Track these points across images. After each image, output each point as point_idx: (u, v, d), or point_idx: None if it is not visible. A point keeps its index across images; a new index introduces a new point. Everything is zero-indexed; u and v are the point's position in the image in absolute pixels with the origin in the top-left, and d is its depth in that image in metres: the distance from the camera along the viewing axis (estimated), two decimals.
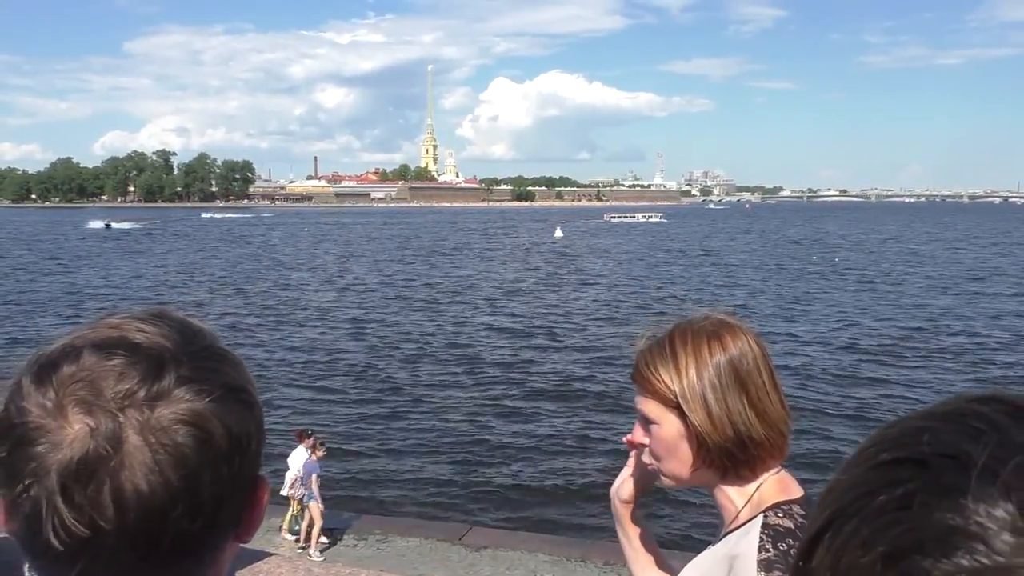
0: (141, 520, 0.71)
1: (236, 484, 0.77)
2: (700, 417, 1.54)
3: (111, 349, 0.75)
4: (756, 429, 1.54)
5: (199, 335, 0.81)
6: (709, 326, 1.60)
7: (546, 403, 18.56)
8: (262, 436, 0.82)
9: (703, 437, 1.54)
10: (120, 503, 0.70)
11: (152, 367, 0.74)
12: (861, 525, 0.46)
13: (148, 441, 0.71)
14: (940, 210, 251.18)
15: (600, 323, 30.03)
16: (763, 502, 1.56)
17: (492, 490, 13.62)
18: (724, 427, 1.54)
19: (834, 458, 14.46)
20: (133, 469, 0.70)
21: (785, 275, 48.42)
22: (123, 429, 0.71)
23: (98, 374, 0.73)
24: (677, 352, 1.58)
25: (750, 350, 1.58)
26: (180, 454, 0.72)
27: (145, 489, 0.70)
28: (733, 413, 1.54)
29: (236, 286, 42.62)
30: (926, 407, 0.49)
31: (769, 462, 1.59)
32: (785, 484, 1.59)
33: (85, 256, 64.82)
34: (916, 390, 19.25)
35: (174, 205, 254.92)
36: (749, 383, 1.55)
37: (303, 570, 5.58)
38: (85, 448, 0.70)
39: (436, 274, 50.24)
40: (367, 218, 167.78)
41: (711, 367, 1.55)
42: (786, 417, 1.59)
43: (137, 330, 0.77)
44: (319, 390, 19.84)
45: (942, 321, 29.74)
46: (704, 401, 1.54)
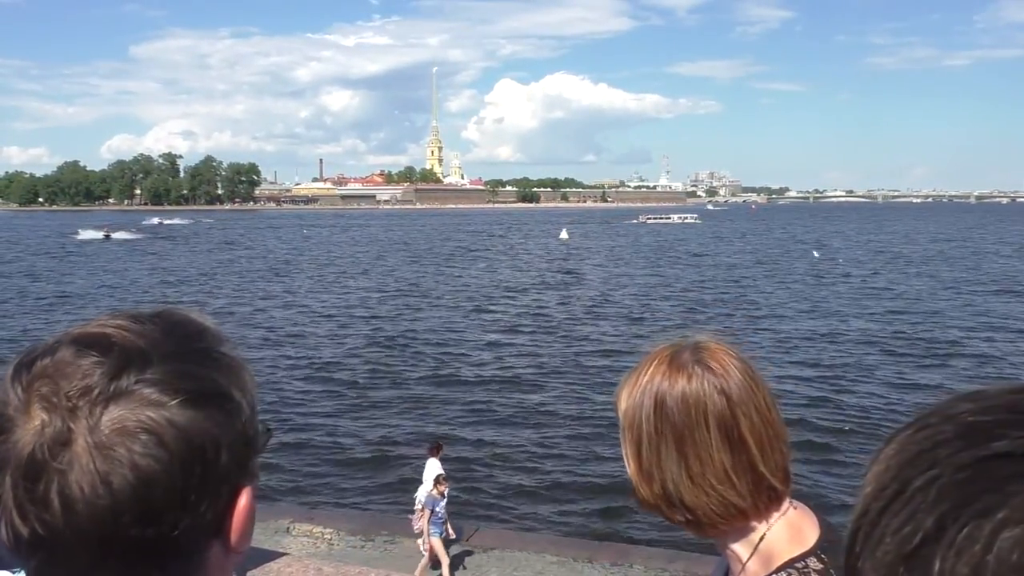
0: (89, 523, 0.69)
1: (201, 493, 0.74)
2: (632, 464, 1.36)
3: (87, 347, 0.73)
4: (690, 493, 1.31)
5: (192, 337, 0.79)
6: (678, 356, 1.36)
7: (554, 404, 18.59)
8: (243, 445, 0.78)
9: (634, 484, 1.36)
10: (66, 505, 0.68)
11: (116, 366, 0.72)
12: (888, 522, 0.47)
13: (96, 443, 0.69)
14: (947, 210, 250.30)
15: (622, 325, 30.10)
16: (772, 555, 1.32)
17: (499, 491, 13.67)
18: (652, 481, 1.33)
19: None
20: (80, 472, 0.68)
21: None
22: (73, 429, 0.69)
23: (64, 371, 0.71)
24: (639, 377, 1.37)
25: (700, 398, 1.31)
26: (128, 460, 0.70)
27: (88, 492, 0.68)
28: (664, 468, 1.32)
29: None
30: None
31: (723, 526, 1.34)
32: (797, 526, 1.34)
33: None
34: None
35: (181, 208, 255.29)
36: (686, 437, 1.30)
37: (313, 569, 5.65)
38: (33, 446, 0.69)
39: (445, 274, 50.35)
40: (344, 221, 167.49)
41: (651, 404, 1.33)
42: (742, 487, 1.30)
43: (119, 328, 0.76)
44: (323, 392, 19.91)
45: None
46: (638, 444, 1.34)
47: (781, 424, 1.37)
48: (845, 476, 13.46)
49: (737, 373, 1.34)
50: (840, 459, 14.59)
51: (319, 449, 15.61)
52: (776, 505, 1.34)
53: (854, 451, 14.82)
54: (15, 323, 30.46)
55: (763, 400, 1.34)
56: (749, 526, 1.34)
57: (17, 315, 32.72)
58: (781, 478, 1.34)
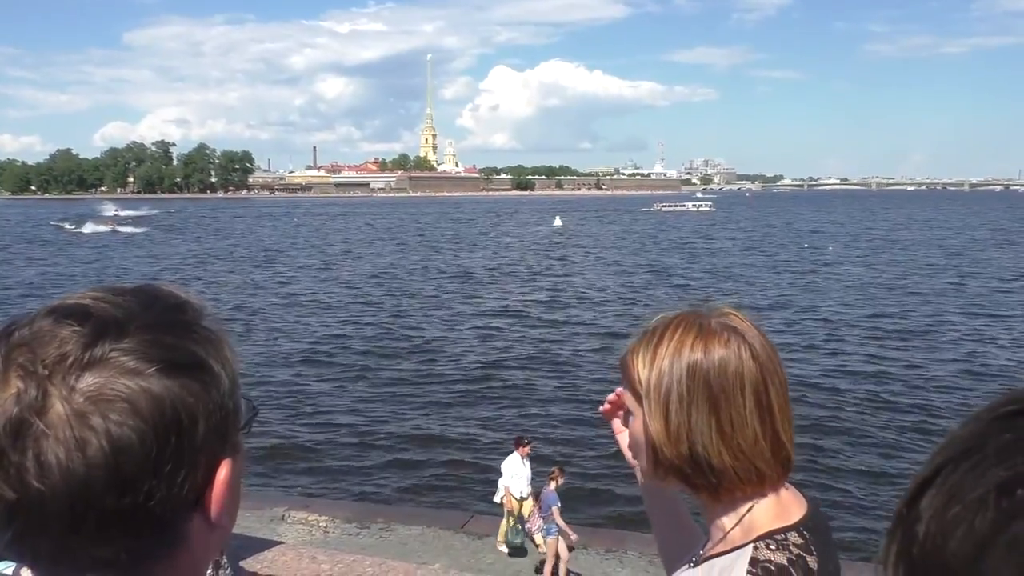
0: (64, 490, 0.69)
1: (177, 463, 0.74)
2: (656, 424, 1.34)
3: (65, 317, 0.74)
4: (718, 456, 1.32)
5: (171, 308, 0.79)
6: (705, 322, 1.37)
7: (546, 390, 18.63)
8: (222, 418, 0.78)
9: (656, 446, 1.35)
10: (42, 472, 0.69)
11: (92, 334, 0.72)
12: (977, 463, 0.48)
13: (72, 411, 0.70)
14: (941, 198, 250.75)
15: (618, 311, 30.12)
16: (756, 525, 1.34)
17: (494, 479, 13.67)
18: (680, 442, 1.33)
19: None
20: (55, 439, 0.69)
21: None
22: (48, 396, 0.70)
23: (41, 340, 0.72)
24: (661, 343, 1.36)
25: (740, 362, 1.32)
26: (102, 428, 0.70)
27: (64, 459, 0.69)
28: (694, 430, 1.32)
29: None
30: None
31: (739, 492, 1.36)
32: (785, 504, 1.37)
33: None
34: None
35: (174, 196, 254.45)
36: (722, 400, 1.31)
37: (307, 558, 5.62)
38: (11, 412, 0.69)
39: (442, 262, 50.34)
40: (320, 209, 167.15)
41: (684, 368, 1.33)
42: (767, 452, 1.33)
43: (97, 299, 0.76)
44: (315, 381, 19.90)
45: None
46: (665, 406, 1.34)
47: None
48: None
49: (762, 339, 1.36)
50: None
51: (313, 438, 15.60)
52: (787, 471, 1.37)
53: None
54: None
55: (781, 369, 1.37)
56: (742, 497, 1.35)
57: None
58: (791, 449, 1.37)
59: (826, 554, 1.32)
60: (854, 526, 11.34)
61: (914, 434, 15.37)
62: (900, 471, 13.27)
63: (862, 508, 12.27)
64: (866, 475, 13.64)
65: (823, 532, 1.36)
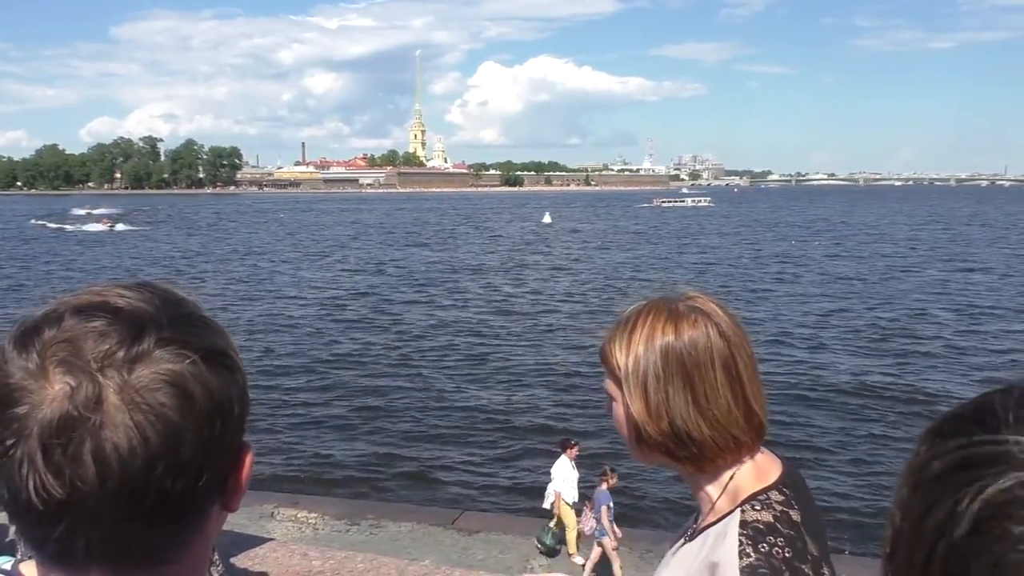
0: (122, 480, 0.71)
1: (218, 448, 0.78)
2: (637, 404, 1.45)
3: (92, 312, 0.75)
4: (697, 428, 1.43)
5: (181, 303, 0.82)
6: (674, 306, 1.48)
7: (538, 387, 18.62)
8: (246, 402, 0.82)
9: (639, 425, 1.46)
10: (100, 463, 0.70)
11: (133, 329, 0.75)
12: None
13: (128, 400, 0.72)
14: (927, 193, 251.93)
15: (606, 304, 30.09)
16: (739, 491, 1.46)
17: (484, 474, 13.69)
18: (660, 419, 1.44)
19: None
20: (113, 428, 0.71)
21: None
22: (103, 389, 0.71)
23: (79, 336, 0.73)
24: (635, 330, 1.48)
25: (708, 340, 1.44)
26: (160, 414, 0.72)
27: (125, 448, 0.71)
28: (672, 406, 1.43)
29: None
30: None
31: (720, 461, 1.47)
32: (762, 467, 1.48)
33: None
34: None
35: (162, 192, 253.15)
36: (696, 376, 1.43)
37: (298, 554, 5.63)
38: (64, 408, 0.70)
39: (435, 257, 50.24)
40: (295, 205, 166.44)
41: (657, 351, 1.44)
42: (740, 420, 1.44)
43: (119, 296, 0.78)
44: (303, 377, 19.84)
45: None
46: (644, 387, 1.45)
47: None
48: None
49: (728, 317, 1.49)
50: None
51: (301, 435, 15.56)
52: (760, 437, 1.49)
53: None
54: None
55: (748, 343, 1.50)
56: (724, 466, 1.47)
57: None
58: (763, 416, 1.49)
59: (806, 507, 1.45)
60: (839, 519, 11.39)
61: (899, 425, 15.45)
62: (878, 459, 13.33)
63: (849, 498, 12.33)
64: (851, 464, 13.70)
65: (800, 487, 1.49)
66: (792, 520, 1.41)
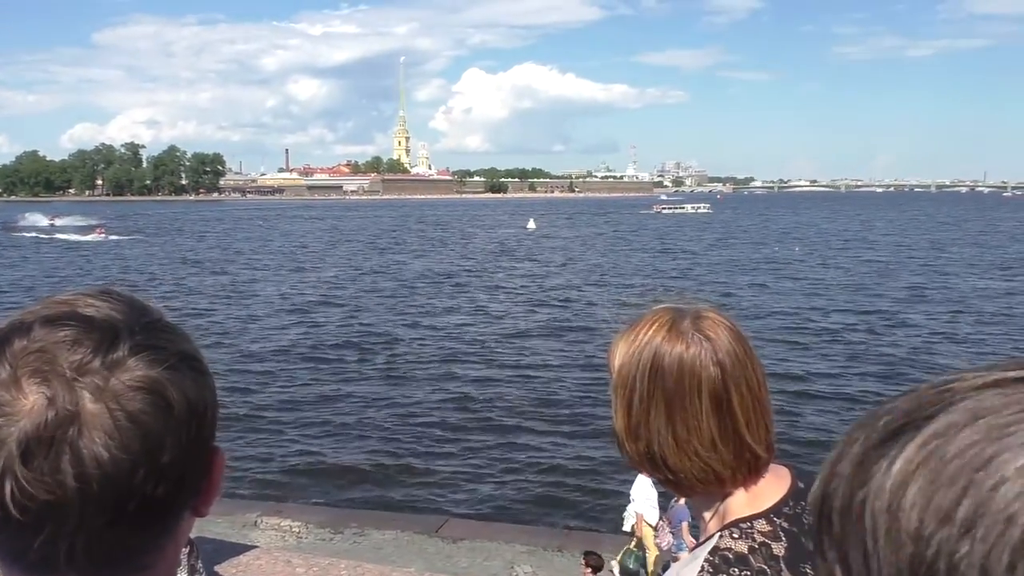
0: (104, 486, 0.71)
1: (195, 451, 0.78)
2: (620, 420, 1.38)
3: (62, 322, 0.75)
4: (674, 456, 1.34)
5: (147, 309, 0.82)
6: (678, 323, 1.38)
7: (521, 394, 18.60)
8: (216, 405, 0.83)
9: (620, 438, 1.39)
10: (81, 470, 0.70)
11: (106, 337, 0.75)
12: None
13: (106, 408, 0.71)
14: (907, 199, 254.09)
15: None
16: (727, 515, 1.37)
17: (468, 482, 13.67)
18: (638, 439, 1.36)
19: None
20: (92, 436, 0.70)
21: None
22: (80, 398, 0.71)
23: (51, 345, 0.73)
24: (635, 338, 1.38)
25: (699, 367, 1.33)
26: (139, 420, 0.73)
27: (105, 455, 0.71)
28: (651, 430, 1.34)
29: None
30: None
31: (701, 488, 1.38)
32: (757, 493, 1.38)
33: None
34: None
35: (143, 199, 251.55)
36: (676, 403, 1.33)
37: (282, 562, 5.62)
38: (43, 417, 0.70)
39: (417, 264, 50.14)
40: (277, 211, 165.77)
41: (646, 368, 1.35)
42: (727, 456, 1.34)
43: (87, 304, 0.78)
44: (285, 384, 19.76)
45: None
46: (628, 401, 1.37)
47: (769, 401, 1.40)
48: None
49: (734, 345, 1.36)
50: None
51: (283, 442, 15.49)
52: (755, 473, 1.37)
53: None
54: None
55: (755, 375, 1.36)
56: (719, 490, 1.37)
57: None
58: (764, 448, 1.37)
59: (800, 538, 1.32)
60: None
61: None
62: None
63: None
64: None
65: (798, 517, 1.35)
66: (772, 553, 1.31)
